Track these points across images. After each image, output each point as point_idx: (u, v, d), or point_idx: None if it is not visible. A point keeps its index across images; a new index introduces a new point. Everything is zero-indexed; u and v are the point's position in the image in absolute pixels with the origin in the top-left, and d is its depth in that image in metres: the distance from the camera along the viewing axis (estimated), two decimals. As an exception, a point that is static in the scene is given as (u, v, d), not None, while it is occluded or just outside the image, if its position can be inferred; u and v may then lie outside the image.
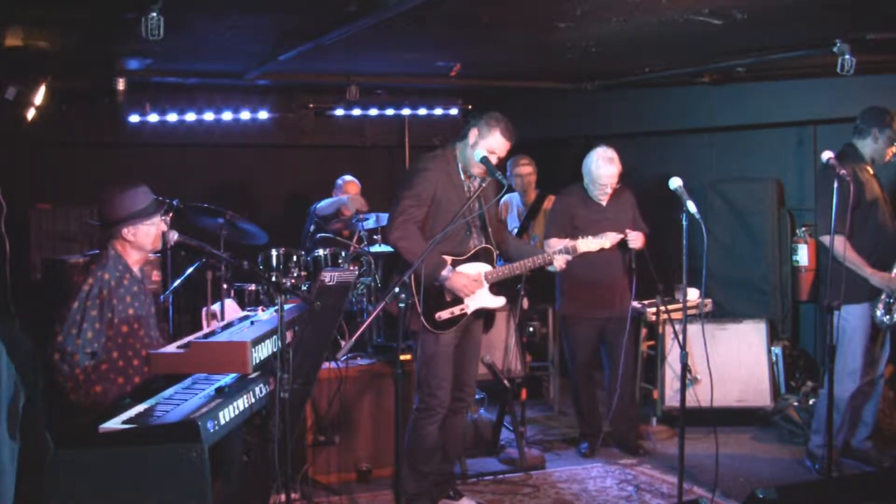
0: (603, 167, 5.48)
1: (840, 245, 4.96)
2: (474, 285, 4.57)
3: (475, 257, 4.65)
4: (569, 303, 5.76)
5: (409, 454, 4.60)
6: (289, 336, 3.79)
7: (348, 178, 7.18)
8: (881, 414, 5.56)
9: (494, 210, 4.90)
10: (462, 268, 4.60)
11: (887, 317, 5.06)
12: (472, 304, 4.62)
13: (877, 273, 5.05)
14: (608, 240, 4.93)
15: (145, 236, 4.02)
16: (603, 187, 5.51)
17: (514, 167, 6.87)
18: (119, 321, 3.92)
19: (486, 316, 4.84)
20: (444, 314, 4.55)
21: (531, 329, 6.70)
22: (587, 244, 4.87)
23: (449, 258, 4.55)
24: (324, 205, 6.75)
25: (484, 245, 4.68)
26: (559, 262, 4.76)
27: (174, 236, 4.01)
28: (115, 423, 3.23)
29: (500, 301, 4.74)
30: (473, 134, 4.56)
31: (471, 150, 4.54)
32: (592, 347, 5.77)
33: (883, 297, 5.06)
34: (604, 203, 5.59)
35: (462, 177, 4.63)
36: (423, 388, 4.58)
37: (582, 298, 5.68)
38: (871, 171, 5.21)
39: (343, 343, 4.75)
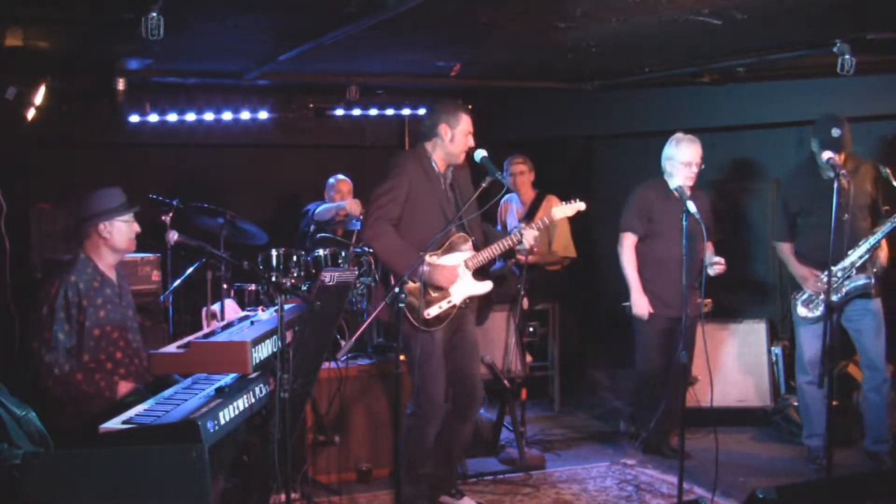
0: (686, 146, 5.39)
1: (787, 248, 5.39)
2: (454, 274, 4.56)
3: (451, 248, 4.64)
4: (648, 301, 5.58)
5: (407, 457, 4.58)
6: (289, 336, 3.79)
7: (340, 177, 7.18)
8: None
9: (473, 202, 4.73)
10: (440, 261, 4.58)
11: (811, 313, 5.17)
12: (457, 294, 4.60)
13: (802, 268, 5.22)
14: (576, 207, 4.94)
15: (119, 234, 4.06)
16: (688, 166, 5.34)
17: (510, 166, 6.88)
18: (91, 325, 3.91)
19: (478, 309, 4.81)
20: (432, 310, 4.54)
21: (531, 329, 6.70)
22: (562, 210, 4.93)
23: (427, 255, 4.51)
24: (322, 210, 6.73)
25: (458, 234, 4.65)
26: (528, 239, 4.69)
27: (174, 236, 4.00)
28: (115, 423, 3.23)
29: (486, 286, 4.68)
30: (444, 129, 4.62)
31: (452, 145, 4.61)
32: (667, 346, 5.54)
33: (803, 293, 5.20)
34: (687, 193, 5.32)
35: (437, 170, 4.65)
36: (421, 393, 4.54)
37: (659, 297, 5.55)
38: (836, 178, 5.00)
39: (343, 343, 4.74)
